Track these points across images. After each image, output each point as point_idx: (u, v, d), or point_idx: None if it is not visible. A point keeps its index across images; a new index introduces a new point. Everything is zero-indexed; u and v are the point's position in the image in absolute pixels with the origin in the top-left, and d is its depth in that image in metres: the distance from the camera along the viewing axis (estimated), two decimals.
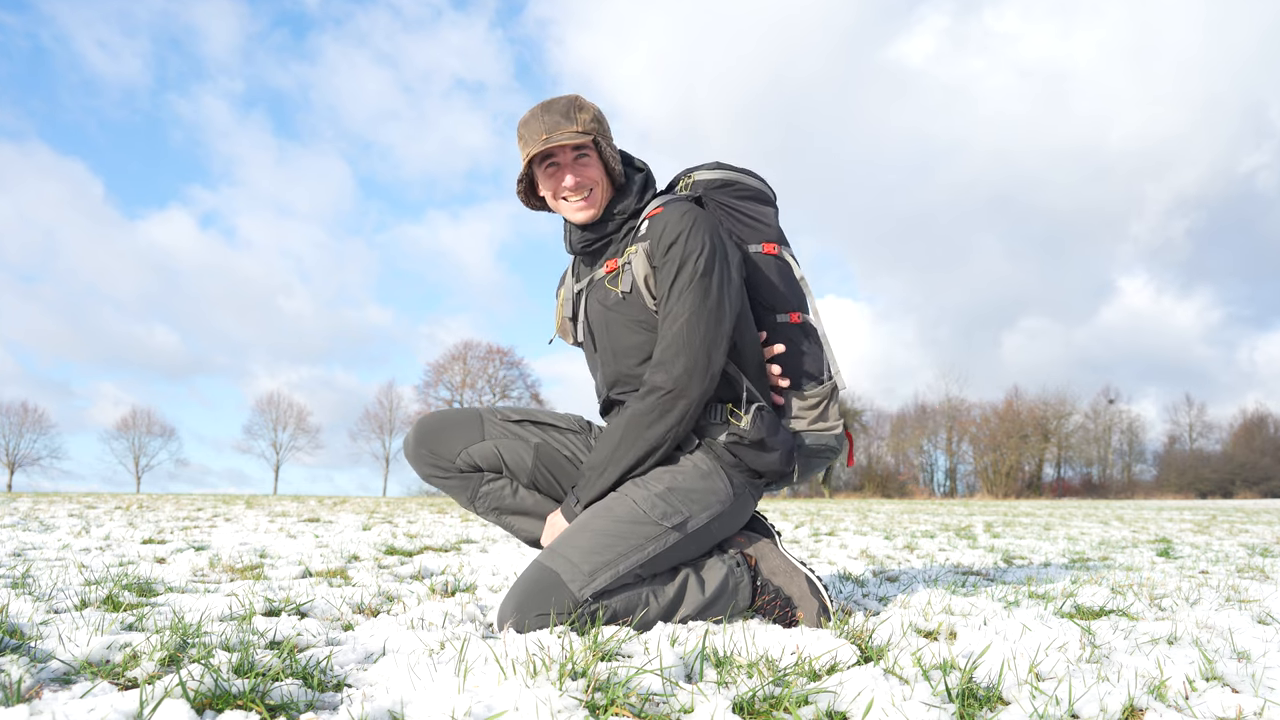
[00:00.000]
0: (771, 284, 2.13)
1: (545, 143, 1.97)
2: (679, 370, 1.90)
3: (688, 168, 2.25)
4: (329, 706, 1.18)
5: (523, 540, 2.20)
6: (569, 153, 2.02)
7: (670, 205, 2.02)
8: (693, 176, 2.21)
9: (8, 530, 5.40)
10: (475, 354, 53.38)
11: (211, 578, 2.82)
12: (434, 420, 2.15)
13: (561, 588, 1.74)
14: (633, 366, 2.06)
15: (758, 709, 1.19)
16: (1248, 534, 6.92)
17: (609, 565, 1.79)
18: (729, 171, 2.18)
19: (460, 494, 2.14)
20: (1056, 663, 1.43)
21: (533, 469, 2.12)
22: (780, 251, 2.16)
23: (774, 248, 2.15)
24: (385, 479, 55.51)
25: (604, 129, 2.05)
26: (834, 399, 2.13)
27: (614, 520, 1.85)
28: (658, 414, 1.92)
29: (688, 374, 1.90)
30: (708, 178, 2.18)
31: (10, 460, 52.93)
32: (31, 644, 1.48)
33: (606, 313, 2.09)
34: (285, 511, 10.06)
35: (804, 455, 2.12)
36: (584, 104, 2.04)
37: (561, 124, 1.99)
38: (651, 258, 1.99)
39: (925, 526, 7.90)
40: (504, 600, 1.77)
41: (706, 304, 1.93)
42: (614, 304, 2.06)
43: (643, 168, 2.15)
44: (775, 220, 2.20)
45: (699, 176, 2.19)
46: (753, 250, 2.13)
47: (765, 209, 2.18)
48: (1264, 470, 55.05)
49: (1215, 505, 24.74)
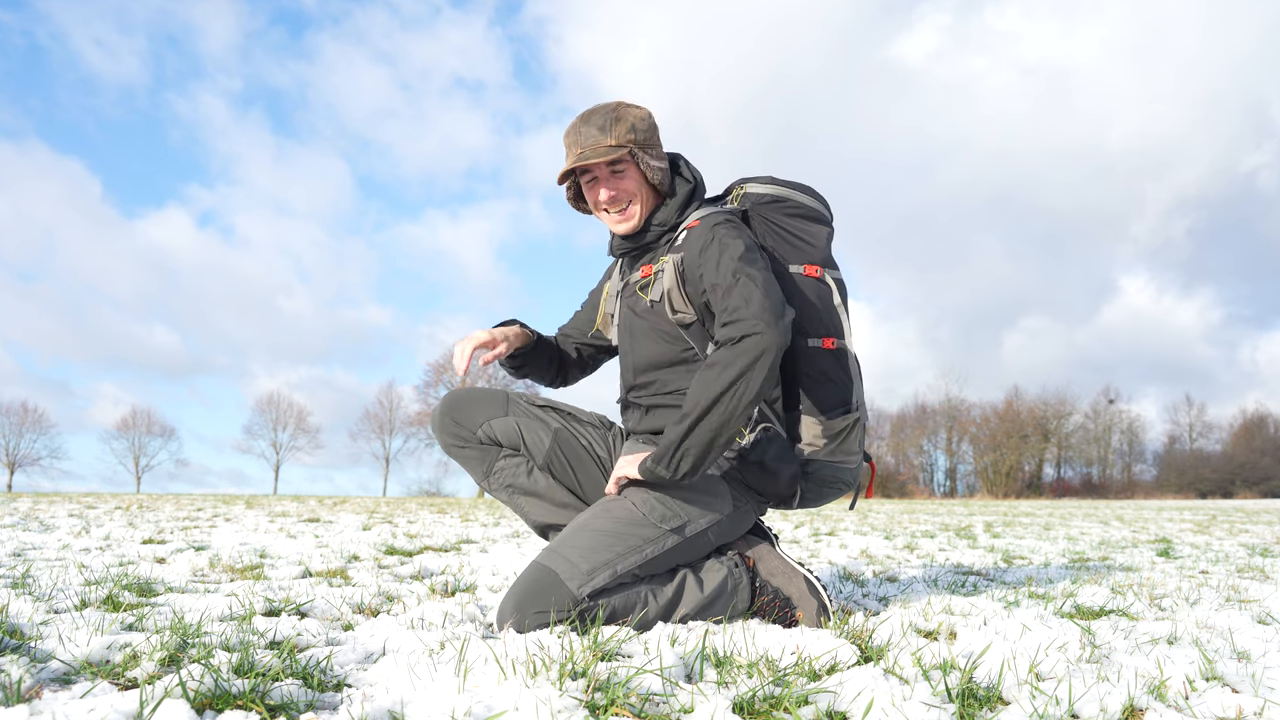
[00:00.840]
0: (807, 307, 2.04)
1: (578, 159, 1.98)
2: (750, 313, 1.79)
3: (742, 178, 2.20)
4: (329, 706, 1.18)
5: (531, 523, 2.20)
6: (604, 166, 2.01)
7: (706, 219, 2.00)
8: (745, 189, 2.15)
9: (8, 530, 5.40)
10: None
11: (211, 578, 2.82)
12: (461, 392, 2.19)
13: (560, 586, 1.75)
14: (647, 372, 2.10)
15: (758, 709, 1.19)
16: (1248, 534, 6.92)
17: (607, 565, 1.79)
18: (781, 187, 2.12)
19: (476, 466, 2.15)
20: (1056, 663, 1.43)
21: (549, 451, 2.12)
22: (823, 275, 2.08)
23: (817, 270, 2.07)
24: (385, 479, 55.54)
25: (645, 139, 2.02)
26: (856, 430, 2.06)
27: (613, 520, 1.86)
28: (731, 357, 1.78)
29: (758, 316, 1.78)
30: (759, 191, 2.12)
31: (10, 460, 52.99)
32: (31, 644, 1.48)
33: (635, 319, 2.11)
34: (285, 511, 10.06)
35: (814, 483, 2.09)
36: (624, 114, 2.00)
37: (596, 138, 1.98)
38: (681, 270, 1.98)
39: (925, 526, 7.90)
40: (503, 600, 1.77)
41: (754, 265, 1.88)
42: (643, 311, 2.08)
43: (691, 179, 2.11)
44: (825, 241, 2.12)
45: (751, 190, 2.14)
46: (794, 270, 2.06)
47: (815, 228, 2.12)
48: (1264, 470, 55.07)
49: (1215, 505, 24.74)
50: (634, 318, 2.11)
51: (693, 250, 1.96)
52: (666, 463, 1.82)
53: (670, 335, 2.04)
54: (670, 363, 2.06)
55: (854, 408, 2.06)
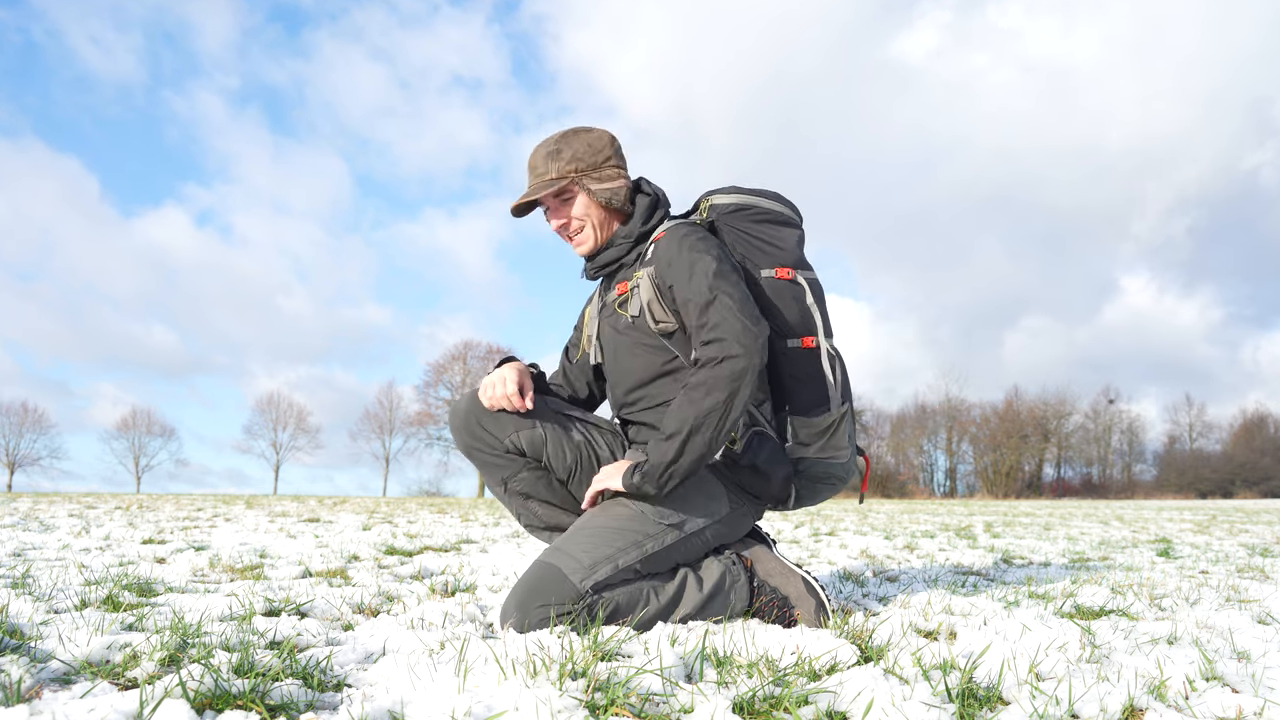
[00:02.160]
0: (782, 309, 2.07)
1: (526, 193, 2.06)
2: (728, 333, 1.83)
3: (707, 190, 2.22)
4: (329, 706, 1.18)
5: (537, 525, 2.18)
6: (550, 197, 2.07)
7: (671, 230, 2.03)
8: (711, 200, 2.17)
9: (8, 530, 5.40)
10: (475, 354, 53.29)
11: (211, 578, 2.82)
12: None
13: (563, 580, 1.76)
14: (635, 388, 2.10)
15: (758, 709, 1.19)
16: (1248, 534, 6.92)
17: (609, 559, 1.81)
18: (744, 195, 2.14)
19: (495, 474, 2.12)
20: (1056, 663, 1.43)
21: (571, 466, 2.11)
22: (795, 276, 2.10)
23: (789, 272, 2.09)
24: (385, 479, 55.55)
25: (590, 164, 2.05)
26: (844, 425, 2.08)
27: (613, 518, 1.88)
28: (714, 380, 1.82)
29: (737, 339, 1.82)
30: (723, 202, 2.14)
31: (10, 460, 52.99)
32: (31, 644, 1.48)
33: (617, 336, 2.11)
34: (285, 511, 10.06)
35: (807, 481, 2.11)
36: (569, 143, 2.05)
37: (540, 170, 2.05)
38: (656, 281, 2.00)
39: (925, 526, 7.90)
40: (506, 599, 1.78)
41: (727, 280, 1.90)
42: (624, 328, 2.09)
43: (652, 193, 2.14)
44: (795, 243, 2.14)
45: (716, 201, 2.15)
46: (765, 275, 2.08)
47: (784, 232, 2.13)
48: (1264, 470, 55.07)
49: (1215, 505, 24.75)
50: (616, 335, 2.11)
51: (662, 262, 1.99)
52: (655, 481, 1.85)
53: (654, 347, 2.05)
54: (657, 375, 2.07)
55: (839, 403, 2.08)
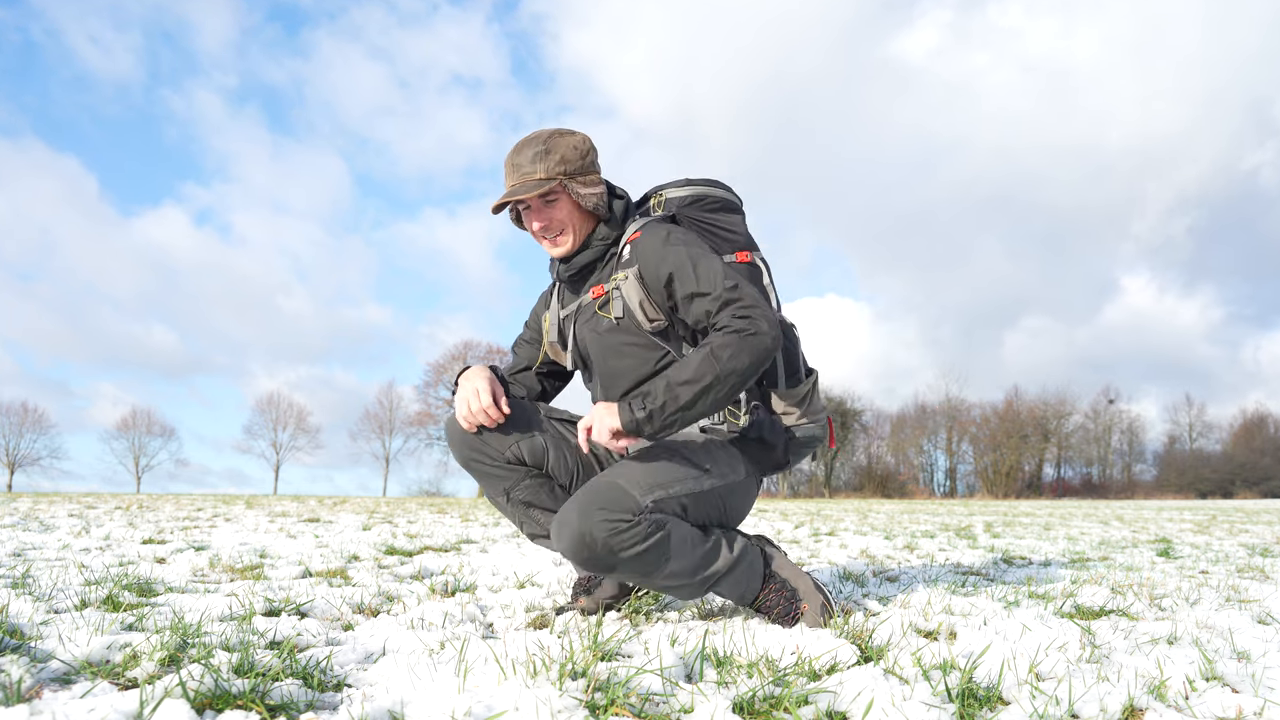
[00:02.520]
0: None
1: (510, 192, 2.03)
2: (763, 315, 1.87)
3: (656, 186, 2.28)
4: (329, 706, 1.18)
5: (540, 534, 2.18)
6: (535, 198, 2.06)
7: (648, 229, 2.04)
8: (663, 195, 2.22)
9: (8, 530, 5.40)
10: (475, 354, 53.26)
11: (211, 578, 2.82)
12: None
13: (624, 493, 1.79)
14: (632, 388, 2.10)
15: (758, 709, 1.19)
16: (1248, 534, 6.92)
17: (662, 485, 1.86)
18: (697, 186, 2.21)
19: (495, 484, 2.12)
20: (1056, 663, 1.43)
21: (573, 472, 2.13)
22: (752, 258, 2.20)
23: (746, 255, 2.19)
24: (385, 479, 55.60)
25: (577, 167, 2.05)
26: (816, 390, 2.20)
27: (655, 457, 1.93)
28: (738, 347, 1.84)
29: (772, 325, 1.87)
30: (679, 195, 2.20)
31: (10, 460, 53.01)
32: (32, 644, 1.48)
33: (600, 339, 2.10)
34: (285, 511, 10.06)
35: (795, 446, 2.19)
36: (556, 144, 2.04)
37: (527, 170, 2.03)
38: (642, 279, 2.01)
39: (925, 526, 7.90)
40: (562, 510, 1.80)
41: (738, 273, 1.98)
42: (606, 330, 2.08)
43: (623, 195, 2.19)
44: (744, 227, 2.24)
45: (670, 194, 2.21)
46: (728, 259, 2.14)
47: (734, 217, 2.21)
48: (1264, 470, 55.08)
49: (1215, 505, 24.75)
50: (599, 338, 2.10)
51: (648, 260, 1.99)
52: (660, 419, 1.84)
53: (645, 345, 2.06)
54: (652, 373, 2.07)
55: (806, 372, 2.20)
